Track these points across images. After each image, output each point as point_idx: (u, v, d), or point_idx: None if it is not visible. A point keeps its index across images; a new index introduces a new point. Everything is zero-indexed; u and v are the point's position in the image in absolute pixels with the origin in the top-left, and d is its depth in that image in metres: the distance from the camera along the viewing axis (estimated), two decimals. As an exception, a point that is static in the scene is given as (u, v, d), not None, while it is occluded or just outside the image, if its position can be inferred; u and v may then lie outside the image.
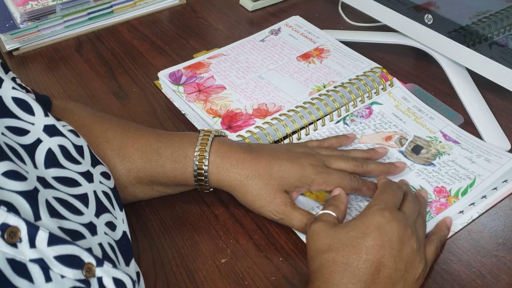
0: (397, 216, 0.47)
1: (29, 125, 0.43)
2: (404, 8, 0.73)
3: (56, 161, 0.43)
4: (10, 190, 0.36)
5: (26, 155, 0.41)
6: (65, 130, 0.46)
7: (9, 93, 0.43)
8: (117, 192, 0.49)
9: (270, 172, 0.53)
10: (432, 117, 0.66)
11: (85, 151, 0.47)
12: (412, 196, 0.52)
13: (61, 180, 0.42)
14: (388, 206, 0.48)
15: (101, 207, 0.45)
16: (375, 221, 0.46)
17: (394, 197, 0.50)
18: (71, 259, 0.36)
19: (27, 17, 0.84)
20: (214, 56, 0.78)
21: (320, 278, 0.44)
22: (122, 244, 0.45)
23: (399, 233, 0.46)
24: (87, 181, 0.45)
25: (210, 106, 0.68)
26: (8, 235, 0.33)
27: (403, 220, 0.47)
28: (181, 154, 0.54)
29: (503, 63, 0.62)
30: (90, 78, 0.81)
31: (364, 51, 0.76)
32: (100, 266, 0.38)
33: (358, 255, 0.44)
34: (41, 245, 0.35)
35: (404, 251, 0.46)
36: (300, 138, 0.65)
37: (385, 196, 0.50)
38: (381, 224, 0.46)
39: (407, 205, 0.50)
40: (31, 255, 0.34)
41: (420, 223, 0.50)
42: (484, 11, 0.65)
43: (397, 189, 0.52)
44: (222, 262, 0.53)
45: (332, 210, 0.51)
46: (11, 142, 0.40)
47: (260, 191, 0.53)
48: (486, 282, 0.50)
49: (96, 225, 0.42)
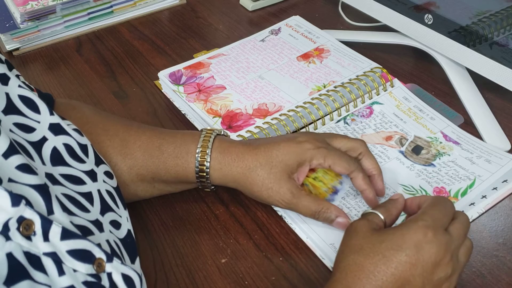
0: (440, 238, 0.43)
1: (35, 123, 0.43)
2: (404, 8, 0.73)
3: (61, 159, 0.44)
4: (23, 183, 0.36)
5: (34, 152, 0.41)
6: (69, 129, 0.46)
7: (15, 91, 0.43)
8: (119, 191, 0.49)
9: (270, 159, 0.53)
10: (433, 117, 0.66)
11: (89, 150, 0.47)
12: (464, 217, 0.47)
13: (67, 178, 0.43)
14: (435, 225, 0.44)
15: (106, 205, 0.45)
16: (415, 237, 0.43)
17: (444, 216, 0.45)
18: (83, 254, 0.37)
19: (27, 17, 0.84)
20: (214, 56, 0.78)
21: (342, 280, 0.43)
22: (127, 242, 0.45)
23: (437, 256, 0.42)
24: (91, 180, 0.45)
25: (210, 106, 0.68)
26: (23, 227, 0.34)
27: (446, 243, 0.43)
28: (183, 150, 0.54)
29: (503, 63, 0.62)
30: (90, 78, 0.81)
31: (364, 51, 0.76)
32: (110, 261, 0.38)
33: (387, 266, 0.42)
34: (54, 239, 0.35)
35: (435, 275, 0.43)
36: (300, 138, 0.65)
37: (435, 212, 0.45)
38: (421, 243, 0.42)
39: (457, 227, 0.45)
40: (44, 249, 0.35)
41: (466, 249, 0.46)
42: (484, 11, 0.65)
43: (449, 208, 0.47)
44: (222, 262, 0.53)
45: (382, 212, 0.47)
46: (19, 138, 0.41)
47: (265, 181, 0.52)
48: (486, 282, 0.50)
49: (102, 222, 0.43)
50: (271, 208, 0.58)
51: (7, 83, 0.43)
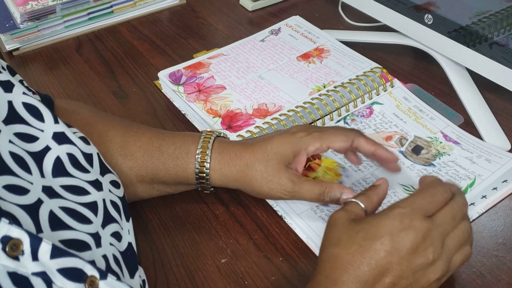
0: (417, 225, 0.42)
1: (39, 132, 0.42)
2: (404, 8, 0.73)
3: (63, 170, 0.43)
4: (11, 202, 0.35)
5: (33, 164, 0.40)
6: (75, 137, 0.45)
7: (19, 98, 0.42)
8: (125, 202, 0.49)
9: (266, 153, 0.53)
10: (432, 117, 0.66)
11: (94, 160, 0.47)
12: (457, 204, 0.45)
13: (69, 189, 0.42)
14: (413, 212, 0.43)
15: (109, 216, 0.44)
16: (390, 225, 0.42)
17: (429, 203, 0.44)
18: (74, 272, 0.36)
19: (27, 17, 0.84)
20: (214, 56, 0.78)
21: (322, 272, 0.44)
22: (127, 256, 0.44)
23: (413, 243, 0.42)
24: (96, 189, 0.45)
25: (210, 106, 0.68)
26: (10, 248, 0.32)
27: (424, 230, 0.42)
28: (183, 152, 0.54)
29: (503, 63, 0.62)
30: (90, 78, 0.81)
31: (364, 51, 0.76)
32: (103, 279, 0.37)
33: (363, 256, 0.42)
34: (43, 257, 0.34)
35: (415, 261, 0.42)
36: (300, 138, 0.65)
37: (417, 200, 0.44)
38: (396, 230, 0.42)
39: (445, 213, 0.44)
40: (33, 268, 0.33)
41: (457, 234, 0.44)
42: (484, 11, 0.65)
43: (439, 194, 0.45)
44: (222, 262, 0.53)
45: (362, 200, 0.47)
46: (19, 150, 0.40)
47: (264, 175, 0.52)
48: (486, 282, 0.50)
49: (101, 236, 0.42)
50: (271, 208, 0.58)
51: (11, 90, 0.42)
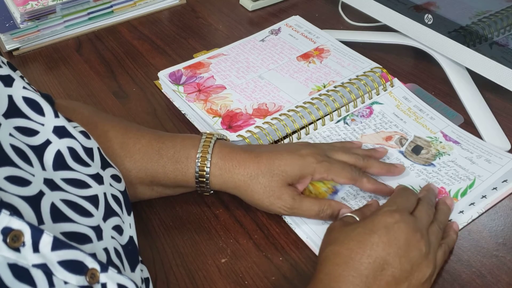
0: (406, 218, 0.47)
1: (39, 126, 0.42)
2: (404, 8, 0.73)
3: (64, 163, 0.43)
4: (13, 194, 0.35)
5: (34, 157, 0.40)
6: (75, 131, 0.45)
7: (20, 93, 0.42)
8: (127, 196, 0.49)
9: (272, 168, 0.53)
10: (432, 117, 0.66)
11: (95, 154, 0.47)
12: (427, 203, 0.52)
13: (70, 182, 0.42)
14: (399, 208, 0.48)
15: (110, 210, 0.44)
16: (383, 220, 0.46)
17: (407, 201, 0.51)
18: (75, 265, 0.35)
19: (27, 17, 0.84)
20: (214, 56, 0.78)
21: (323, 270, 0.45)
22: (128, 249, 0.44)
23: (407, 234, 0.46)
24: (97, 183, 0.45)
25: (210, 106, 0.68)
26: (11, 239, 0.32)
27: (413, 223, 0.47)
28: (183, 155, 0.54)
29: (503, 63, 0.62)
30: (90, 78, 0.81)
31: (364, 51, 0.76)
32: (104, 271, 0.37)
33: (363, 249, 0.44)
34: (44, 249, 0.34)
35: (411, 252, 0.45)
36: (300, 137, 0.65)
37: (398, 199, 0.51)
38: (389, 223, 0.46)
39: (420, 209, 0.50)
40: (34, 260, 0.33)
41: (434, 229, 0.50)
42: (484, 11, 0.65)
43: (411, 195, 0.52)
44: (222, 262, 0.53)
45: (357, 214, 0.50)
46: (19, 143, 0.40)
47: (266, 189, 0.53)
48: (486, 282, 0.50)
49: (102, 229, 0.42)
50: (271, 208, 0.58)
51: (11, 84, 0.42)
